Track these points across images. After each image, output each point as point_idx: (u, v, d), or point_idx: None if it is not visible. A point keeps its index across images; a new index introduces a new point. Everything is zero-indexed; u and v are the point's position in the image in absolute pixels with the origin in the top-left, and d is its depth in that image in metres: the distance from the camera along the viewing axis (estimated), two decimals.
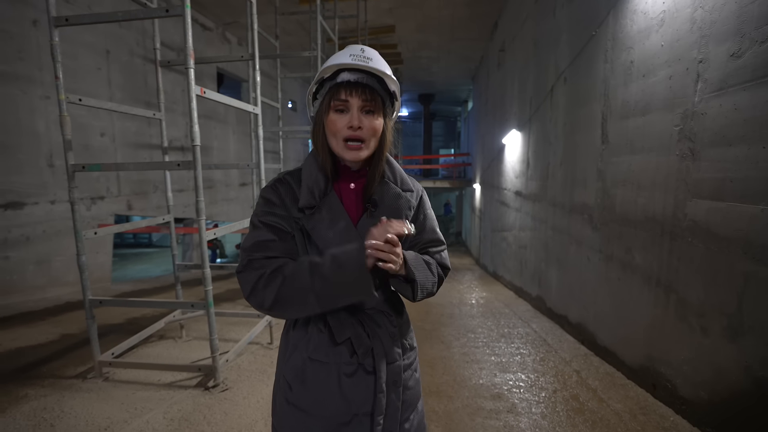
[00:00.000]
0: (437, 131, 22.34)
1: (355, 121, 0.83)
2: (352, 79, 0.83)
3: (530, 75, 5.23)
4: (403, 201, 0.93)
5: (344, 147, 0.86)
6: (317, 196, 0.87)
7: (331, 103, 0.85)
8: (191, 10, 1.93)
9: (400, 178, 0.96)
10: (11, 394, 2.22)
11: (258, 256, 0.83)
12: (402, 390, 0.91)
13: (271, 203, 0.88)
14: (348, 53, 0.85)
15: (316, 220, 0.86)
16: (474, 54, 9.95)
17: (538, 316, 4.41)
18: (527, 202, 5.36)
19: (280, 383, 0.93)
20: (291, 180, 0.91)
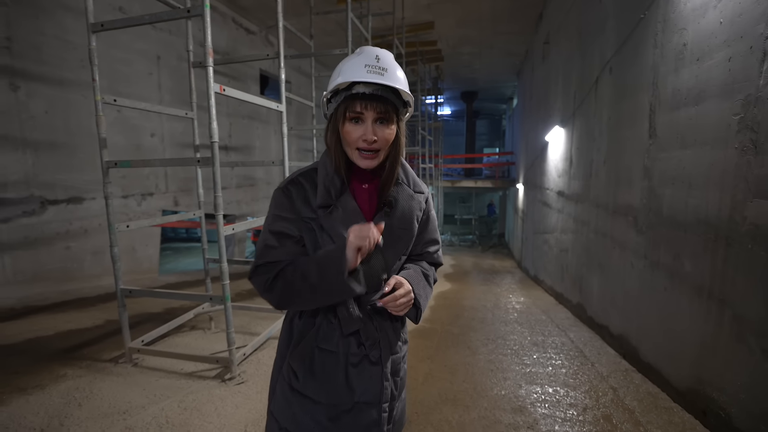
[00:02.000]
0: (481, 130, 21.76)
1: (370, 135, 0.86)
2: (367, 92, 0.84)
3: (574, 67, 4.88)
4: (415, 202, 0.99)
5: (358, 156, 0.89)
6: (334, 195, 0.90)
7: (346, 114, 0.87)
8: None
9: (412, 181, 1.01)
10: (53, 372, 2.41)
11: (262, 262, 0.90)
12: (398, 379, 0.99)
13: (280, 206, 0.92)
14: (363, 63, 0.85)
15: (333, 218, 0.89)
16: (518, 48, 9.52)
17: (578, 324, 4.10)
18: (569, 202, 5.01)
19: (284, 371, 0.96)
20: (304, 181, 0.93)
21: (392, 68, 0.87)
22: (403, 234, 0.96)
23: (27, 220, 4.32)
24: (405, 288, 0.91)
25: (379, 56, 0.87)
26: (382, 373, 0.93)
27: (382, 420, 0.94)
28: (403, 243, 0.98)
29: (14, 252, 4.22)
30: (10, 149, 4.19)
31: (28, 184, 4.31)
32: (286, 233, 0.91)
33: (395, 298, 0.89)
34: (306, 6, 5.68)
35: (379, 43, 8.86)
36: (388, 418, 0.96)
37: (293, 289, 0.86)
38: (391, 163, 0.93)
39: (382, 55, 0.87)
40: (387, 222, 0.91)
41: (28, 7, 4.29)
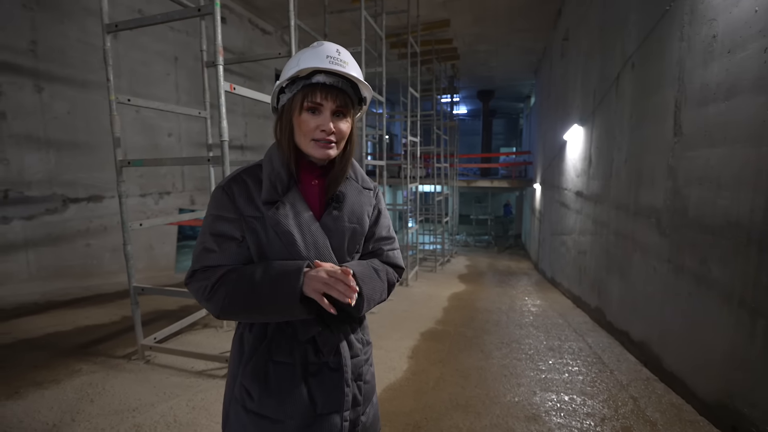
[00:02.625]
0: (498, 129, 21.44)
1: (328, 125, 0.84)
2: (328, 83, 0.83)
3: (594, 63, 4.73)
4: (364, 197, 0.96)
5: (314, 145, 0.86)
6: (280, 190, 0.86)
7: (303, 103, 0.84)
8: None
9: (360, 177, 0.99)
10: (69, 367, 2.46)
11: (200, 267, 0.85)
12: (362, 384, 0.93)
13: (220, 206, 0.86)
14: (324, 54, 0.84)
15: (280, 214, 0.84)
16: (536, 45, 9.32)
17: (596, 329, 3.96)
18: (588, 203, 4.86)
19: (236, 392, 0.88)
20: (246, 177, 0.88)
21: (352, 63, 0.87)
22: (354, 230, 0.92)
23: (50, 217, 4.45)
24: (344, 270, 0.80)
25: (340, 51, 0.86)
26: (342, 379, 0.87)
27: (343, 429, 0.87)
28: (354, 239, 0.93)
29: (38, 249, 4.35)
30: (35, 149, 4.32)
31: (51, 183, 4.44)
32: (226, 235, 0.85)
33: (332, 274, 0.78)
34: (321, 5, 5.68)
35: (394, 41, 8.79)
36: (351, 425, 0.90)
37: (237, 300, 0.80)
38: (343, 160, 0.91)
39: (342, 50, 0.87)
40: (337, 216, 0.89)
41: (53, 12, 4.42)
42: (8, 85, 4.13)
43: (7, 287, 4.11)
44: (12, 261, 4.18)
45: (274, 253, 0.85)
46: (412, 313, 4.49)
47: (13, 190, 4.18)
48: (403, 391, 2.45)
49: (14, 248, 4.19)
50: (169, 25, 5.57)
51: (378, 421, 1.01)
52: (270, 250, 0.85)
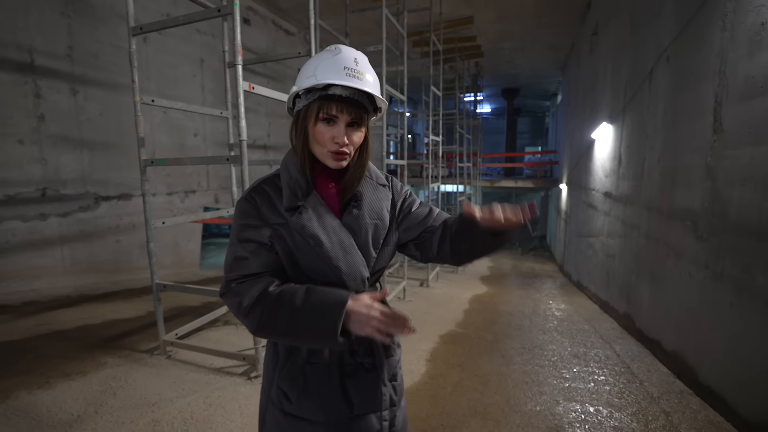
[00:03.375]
0: (522, 128, 20.97)
1: (342, 138, 0.84)
2: (344, 95, 0.82)
3: (626, 58, 4.51)
4: (380, 193, 0.97)
5: (329, 155, 0.87)
6: (300, 196, 0.87)
7: (319, 113, 0.84)
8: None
9: (375, 174, 1.00)
10: (95, 360, 2.55)
11: (235, 277, 0.85)
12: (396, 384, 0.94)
13: (246, 215, 0.87)
14: (342, 65, 0.83)
15: (304, 218, 0.85)
16: (563, 41, 9.02)
17: (624, 336, 3.78)
18: (617, 204, 4.64)
19: (273, 396, 0.89)
20: (267, 187, 0.90)
21: (369, 73, 0.86)
22: (376, 225, 0.93)
23: (83, 214, 4.65)
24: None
25: (358, 60, 0.85)
26: (379, 379, 0.89)
27: (383, 429, 0.89)
28: (377, 235, 0.93)
29: (72, 244, 4.55)
30: (70, 149, 4.52)
31: (84, 182, 4.63)
32: (255, 241, 0.86)
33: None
34: (343, 5, 5.68)
35: (416, 40, 8.72)
36: (389, 426, 0.90)
37: (274, 323, 0.80)
38: (358, 164, 0.92)
39: (360, 59, 0.86)
40: (358, 215, 0.91)
41: (88, 18, 4.60)
42: (47, 89, 4.34)
43: (44, 280, 4.32)
44: (49, 256, 4.39)
45: (304, 257, 0.86)
46: (432, 314, 4.42)
47: (50, 188, 4.38)
48: (420, 395, 2.40)
49: (51, 243, 4.40)
50: (196, 28, 5.72)
51: (407, 424, 1.01)
52: (299, 255, 0.86)
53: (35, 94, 4.26)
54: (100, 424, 1.86)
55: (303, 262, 0.86)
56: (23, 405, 2.00)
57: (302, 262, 0.86)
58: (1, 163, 4.03)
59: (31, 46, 4.20)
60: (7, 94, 4.06)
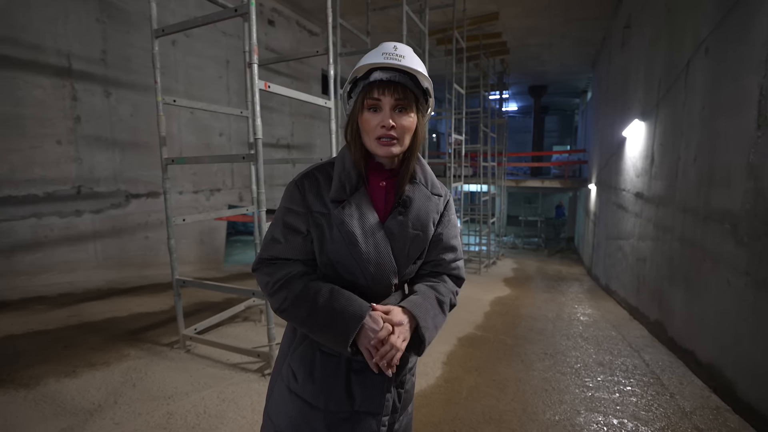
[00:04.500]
0: (550, 126, 20.38)
1: (387, 120, 0.84)
2: (384, 78, 0.83)
3: (660, 51, 4.27)
4: (432, 204, 0.94)
5: (377, 144, 0.86)
6: (348, 190, 0.88)
7: (364, 102, 0.85)
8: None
9: (431, 182, 0.97)
10: (119, 351, 2.64)
11: (267, 257, 0.90)
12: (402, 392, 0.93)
13: (291, 199, 0.90)
14: (381, 51, 0.85)
15: (345, 214, 0.86)
16: (593, 36, 8.68)
17: (655, 345, 3.58)
18: (649, 205, 4.41)
19: (284, 371, 0.93)
20: (319, 174, 0.91)
21: (410, 56, 0.86)
22: (417, 236, 0.91)
23: (114, 211, 4.85)
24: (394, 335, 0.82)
25: (397, 46, 0.86)
26: (385, 383, 0.88)
27: None
28: (417, 246, 0.92)
29: (104, 240, 4.76)
30: (103, 148, 4.73)
31: (116, 180, 4.84)
32: (293, 228, 0.89)
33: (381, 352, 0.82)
34: (365, 3, 5.68)
35: (440, 38, 8.61)
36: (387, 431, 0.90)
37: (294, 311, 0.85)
38: (408, 157, 0.91)
39: (399, 46, 0.87)
40: (402, 221, 0.89)
41: (121, 23, 4.80)
42: (83, 91, 4.56)
43: (78, 274, 4.54)
44: (83, 250, 4.62)
45: (336, 250, 0.87)
46: (451, 316, 4.31)
47: (85, 186, 4.60)
48: (434, 398, 2.35)
49: (84, 239, 4.62)
50: (222, 30, 5.87)
51: (410, 429, 1.02)
52: (332, 248, 0.87)
53: (72, 96, 4.48)
54: (118, 414, 1.92)
55: (334, 255, 0.87)
56: (50, 392, 2.09)
57: (334, 254, 0.87)
58: (41, 162, 4.27)
59: (69, 52, 4.42)
60: (47, 98, 4.29)
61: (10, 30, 4.01)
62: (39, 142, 4.24)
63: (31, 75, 4.16)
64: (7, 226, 4.08)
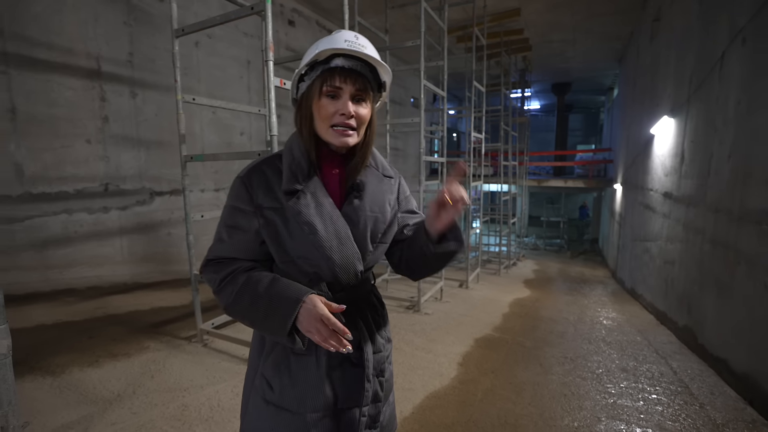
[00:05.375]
0: (574, 125, 19.84)
1: (348, 109, 0.82)
2: (346, 66, 0.81)
3: (692, 43, 4.07)
4: (385, 185, 0.93)
5: (333, 133, 0.84)
6: (301, 179, 0.84)
7: (322, 88, 0.82)
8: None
9: (381, 165, 0.96)
10: (140, 343, 2.72)
11: (213, 257, 0.86)
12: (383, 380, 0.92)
13: (237, 197, 0.86)
14: (342, 38, 0.83)
15: (301, 204, 0.83)
16: (620, 30, 8.38)
17: (683, 352, 3.41)
18: (678, 206, 4.21)
19: (257, 383, 0.88)
20: (266, 168, 0.87)
21: (370, 47, 0.85)
22: (376, 219, 0.90)
23: (139, 208, 5.01)
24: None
25: (358, 36, 0.85)
26: (364, 374, 0.87)
27: (361, 424, 0.87)
28: (376, 228, 0.90)
29: (129, 235, 4.92)
30: (129, 147, 4.89)
31: (141, 178, 4.99)
32: (238, 227, 0.85)
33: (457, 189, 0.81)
34: (383, 2, 5.66)
35: (460, 35, 8.50)
36: (371, 420, 0.89)
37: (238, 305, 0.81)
38: (363, 147, 0.89)
39: (360, 36, 0.86)
40: (358, 205, 0.88)
41: (146, 26, 4.96)
42: (111, 92, 4.72)
43: (105, 268, 4.71)
44: (110, 246, 4.78)
45: (296, 245, 0.83)
46: (469, 317, 4.27)
47: (112, 184, 4.77)
48: (448, 400, 2.30)
49: (111, 234, 4.79)
50: (243, 31, 5.97)
51: (394, 420, 1.00)
52: (291, 243, 0.83)
53: (101, 97, 4.65)
54: (136, 404, 1.97)
55: (295, 250, 0.83)
56: (74, 380, 2.17)
57: (294, 250, 0.83)
58: (72, 160, 4.45)
59: (98, 54, 4.59)
60: (78, 99, 4.47)
61: (45, 35, 4.19)
62: (70, 142, 4.42)
63: (64, 77, 4.35)
64: (40, 221, 4.28)
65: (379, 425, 0.91)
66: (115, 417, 1.86)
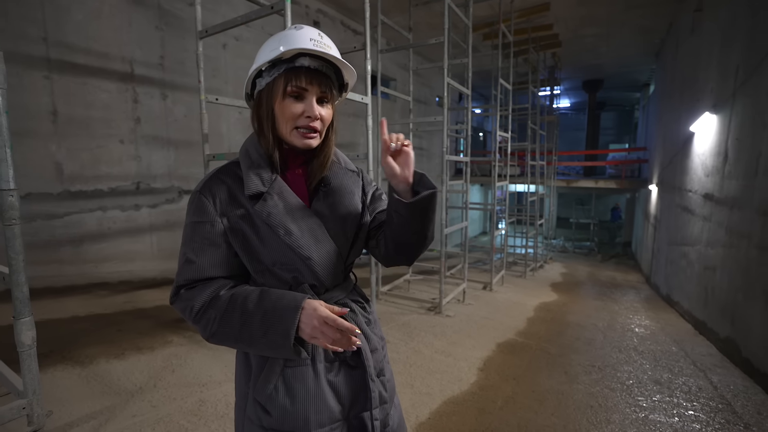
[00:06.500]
0: (607, 123, 19.07)
1: (314, 111, 0.79)
2: (312, 66, 0.78)
3: (739, 33, 3.80)
4: (350, 179, 0.92)
5: (297, 134, 0.80)
6: (264, 182, 0.80)
7: (287, 88, 0.78)
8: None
9: (343, 160, 0.94)
10: (164, 338, 2.79)
11: (184, 282, 0.79)
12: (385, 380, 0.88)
13: (198, 211, 0.79)
14: (307, 36, 0.78)
15: (269, 206, 0.79)
16: (657, 23, 7.96)
17: (725, 366, 3.18)
18: (721, 208, 3.94)
19: (249, 412, 0.80)
20: (224, 177, 0.82)
21: (334, 47, 0.82)
22: (348, 213, 0.87)
23: (168, 206, 5.19)
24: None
25: (321, 34, 0.81)
26: (366, 375, 0.82)
27: (374, 428, 0.82)
28: (351, 223, 0.87)
29: (159, 232, 5.10)
30: (159, 147, 5.07)
31: (170, 177, 5.16)
32: (207, 241, 0.78)
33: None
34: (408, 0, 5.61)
35: (486, 32, 8.32)
36: (382, 425, 0.84)
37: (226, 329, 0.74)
38: (325, 147, 0.86)
39: (324, 35, 0.82)
40: (329, 201, 0.85)
41: (177, 30, 5.12)
42: (143, 94, 4.91)
43: (136, 263, 4.90)
44: (141, 242, 4.98)
45: (270, 250, 0.78)
46: (492, 320, 4.16)
47: (143, 182, 4.96)
48: (466, 406, 2.23)
49: (142, 231, 4.98)
50: (269, 32, 6.06)
51: (404, 424, 0.95)
52: (263, 249, 0.78)
53: (134, 99, 4.84)
54: (156, 397, 2.01)
55: (269, 256, 0.79)
56: (100, 371, 2.25)
57: (268, 257, 0.79)
58: (107, 160, 4.65)
59: (132, 58, 4.78)
60: (112, 101, 4.67)
61: (84, 40, 4.40)
62: (105, 142, 4.62)
63: (100, 80, 4.55)
64: (78, 218, 4.50)
65: (390, 430, 0.86)
66: (136, 409, 1.90)
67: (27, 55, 4.08)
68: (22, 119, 4.06)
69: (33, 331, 1.34)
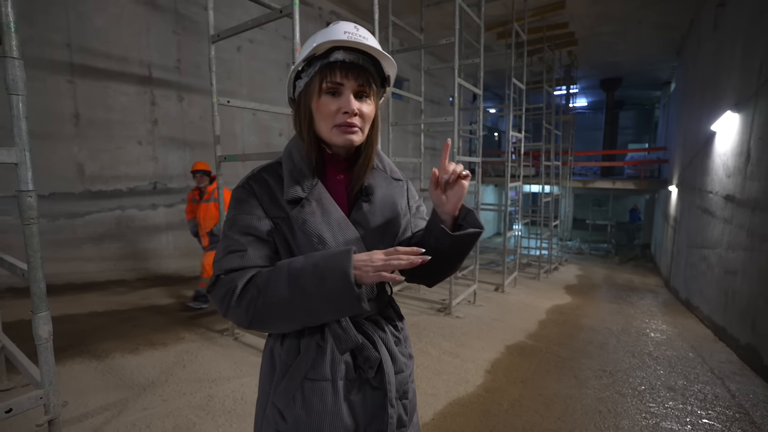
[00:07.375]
0: (625, 122, 18.60)
1: (351, 106, 0.75)
2: (347, 60, 0.74)
3: (764, 29, 3.67)
4: (395, 188, 0.87)
5: (336, 132, 0.77)
6: (304, 187, 0.78)
7: (322, 85, 0.76)
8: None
9: (389, 167, 0.90)
10: (177, 334, 2.87)
11: (226, 269, 0.75)
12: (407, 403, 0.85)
13: (242, 204, 0.78)
14: (342, 30, 0.75)
15: (306, 212, 0.77)
16: (677, 19, 7.73)
17: (745, 373, 3.07)
18: (742, 210, 3.81)
19: (269, 413, 0.80)
20: (267, 176, 0.81)
21: (372, 38, 0.77)
22: (387, 223, 0.83)
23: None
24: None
25: (358, 27, 0.77)
26: (386, 398, 0.78)
27: None
28: (390, 234, 0.84)
29: (175, 231, 5.23)
30: (176, 148, 5.20)
31: (186, 177, 5.28)
32: (253, 234, 0.76)
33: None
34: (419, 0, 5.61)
35: (500, 32, 8.24)
36: None
37: (271, 301, 0.70)
38: (367, 147, 0.83)
39: (360, 27, 0.78)
40: (368, 210, 0.82)
41: (192, 34, 5.24)
42: (160, 97, 5.05)
43: (153, 261, 5.04)
44: (158, 240, 5.11)
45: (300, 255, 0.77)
46: (502, 322, 4.12)
47: (160, 183, 5.10)
48: (472, 408, 2.23)
49: (159, 230, 5.12)
50: (282, 35, 6.15)
51: None
52: (299, 254, 0.77)
53: (151, 102, 4.98)
54: (167, 391, 2.07)
55: None
56: (115, 365, 2.33)
57: None
58: (126, 161, 4.80)
59: (150, 62, 4.92)
60: (131, 104, 4.81)
61: (105, 45, 4.55)
62: (124, 143, 4.77)
63: (119, 84, 4.70)
64: (98, 216, 4.65)
65: None
66: (147, 402, 1.97)
67: (52, 60, 4.24)
68: (47, 122, 4.23)
69: (49, 325, 1.40)
